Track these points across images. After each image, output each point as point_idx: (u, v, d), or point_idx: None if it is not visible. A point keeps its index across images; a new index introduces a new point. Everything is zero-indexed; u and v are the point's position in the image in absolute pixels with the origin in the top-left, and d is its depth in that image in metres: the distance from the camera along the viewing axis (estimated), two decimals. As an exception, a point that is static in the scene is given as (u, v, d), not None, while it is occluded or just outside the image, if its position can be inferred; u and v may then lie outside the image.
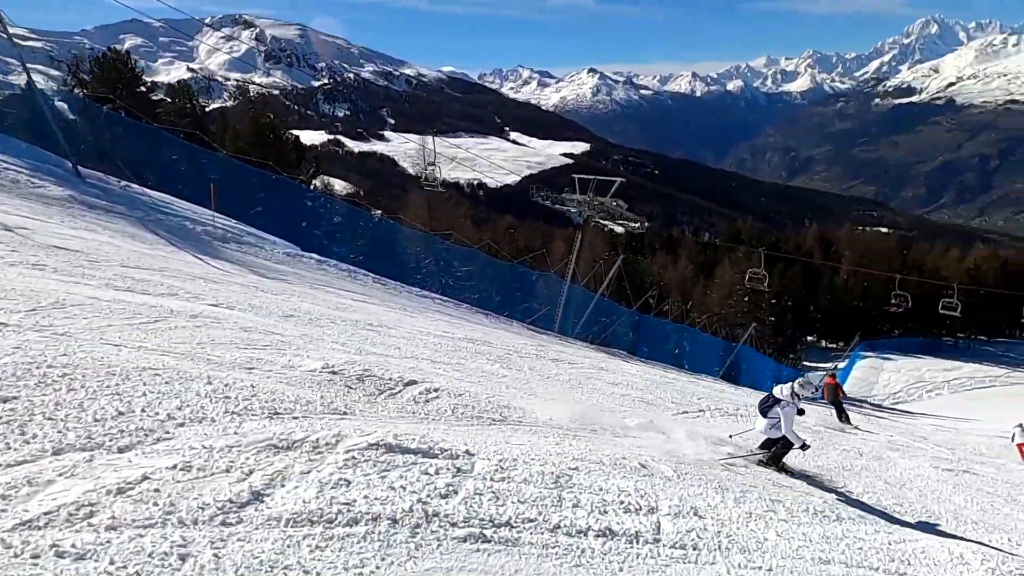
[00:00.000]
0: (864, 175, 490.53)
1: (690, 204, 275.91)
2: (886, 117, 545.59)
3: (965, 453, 16.23)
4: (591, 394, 11.29)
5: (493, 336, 15.76)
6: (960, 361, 59.21)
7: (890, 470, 11.24)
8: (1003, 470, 14.60)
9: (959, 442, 18.67)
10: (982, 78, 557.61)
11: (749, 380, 31.13)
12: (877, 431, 18.39)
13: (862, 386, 49.04)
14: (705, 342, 32.42)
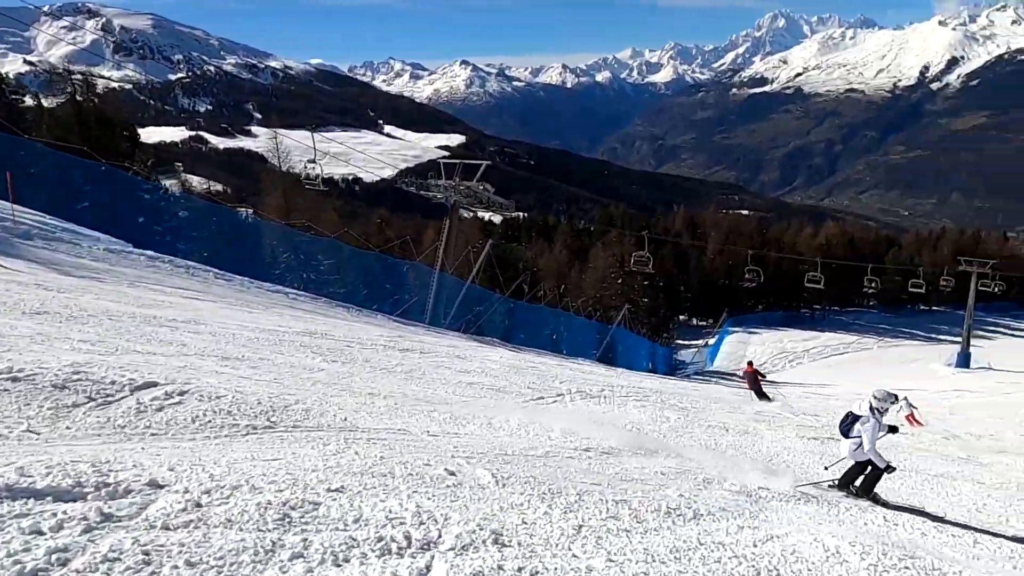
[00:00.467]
0: (726, 161, 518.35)
1: (566, 193, 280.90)
2: (743, 106, 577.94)
3: (829, 418, 16.07)
4: (430, 384, 9.84)
5: (341, 329, 14.12)
6: (817, 331, 62.79)
7: (756, 444, 10.59)
8: None
9: (823, 408, 18.75)
10: (825, 69, 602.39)
11: (626, 361, 30.86)
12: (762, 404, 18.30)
13: (731, 360, 50.62)
14: (581, 326, 31.89)
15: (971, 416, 22.86)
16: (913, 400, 22.83)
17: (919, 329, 68.05)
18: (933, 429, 18.12)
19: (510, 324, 25.92)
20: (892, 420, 21.06)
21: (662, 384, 19.47)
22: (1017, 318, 78.27)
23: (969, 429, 18.47)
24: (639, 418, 11.05)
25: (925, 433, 16.83)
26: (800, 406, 19.03)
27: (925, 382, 42.30)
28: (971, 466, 11.87)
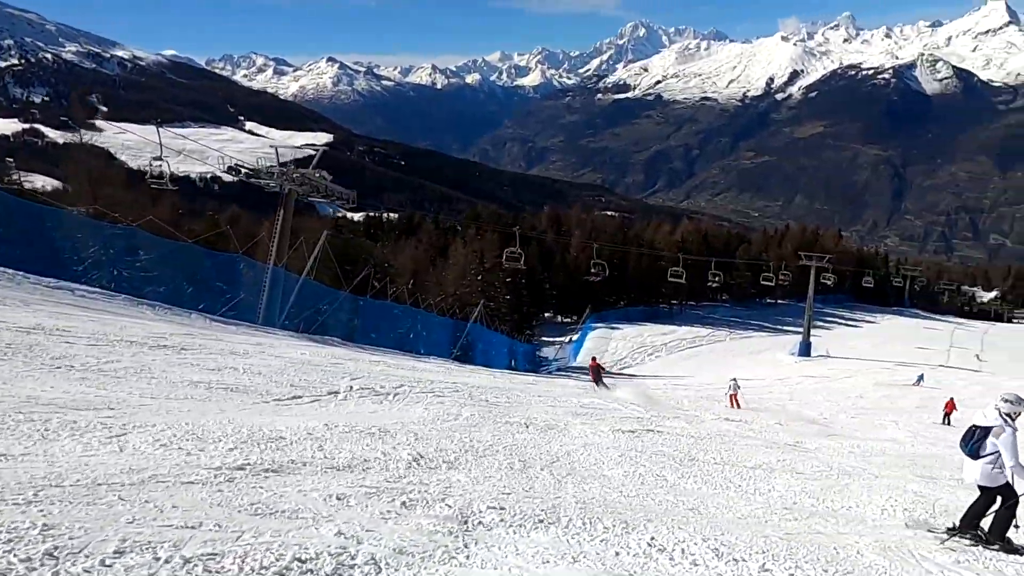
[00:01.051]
0: (592, 163, 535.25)
1: (439, 193, 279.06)
2: (607, 111, 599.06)
3: (662, 410, 15.88)
4: (128, 385, 8.05)
5: (95, 325, 11.79)
6: (674, 325, 65.34)
7: (553, 442, 9.51)
8: (695, 422, 14.30)
9: (658, 398, 18.72)
10: (683, 77, 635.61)
11: (484, 359, 30.11)
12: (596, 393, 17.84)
13: (592, 356, 51.51)
14: (438, 324, 30.84)
15: (808, 401, 23.90)
16: (743, 383, 23.87)
17: (767, 322, 72.48)
18: (768, 415, 18.49)
19: (360, 323, 24.49)
20: (728, 392, 21.10)
21: (499, 380, 18.56)
22: (851, 309, 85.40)
23: (803, 413, 19.03)
24: (419, 416, 9.50)
25: (758, 419, 17.06)
26: (629, 397, 18.70)
27: (771, 370, 44.66)
28: (796, 454, 11.71)
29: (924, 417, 22.87)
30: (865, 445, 13.92)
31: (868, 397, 27.50)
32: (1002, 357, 60.17)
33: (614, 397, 18.21)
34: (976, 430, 6.69)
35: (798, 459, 11.00)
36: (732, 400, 22.55)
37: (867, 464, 11.29)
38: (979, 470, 6.60)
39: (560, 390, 18.21)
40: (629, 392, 20.10)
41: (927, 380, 36.57)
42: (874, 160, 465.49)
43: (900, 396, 28.81)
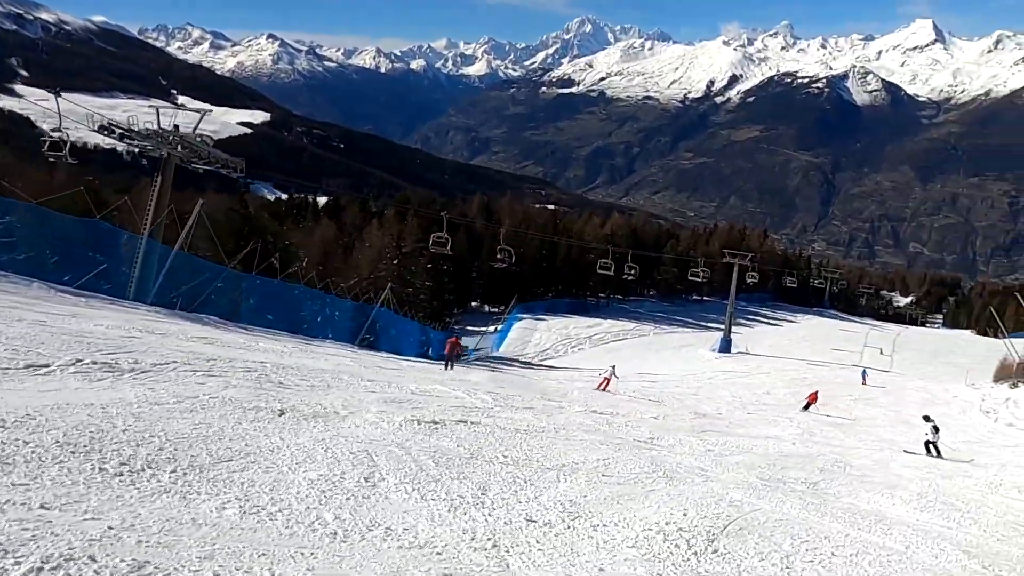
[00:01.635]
0: (535, 156, 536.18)
1: (378, 179, 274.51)
2: (551, 104, 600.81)
3: (521, 400, 14.90)
4: None
5: None
6: (601, 318, 65.40)
7: (283, 434, 7.44)
8: (550, 413, 13.48)
9: (546, 388, 17.95)
10: (626, 75, 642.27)
11: (393, 346, 28.88)
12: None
13: (517, 346, 50.84)
14: (349, 308, 29.42)
15: (712, 395, 23.65)
16: (662, 377, 23.67)
17: (692, 318, 73.46)
18: (650, 406, 17.94)
19: (252, 303, 22.91)
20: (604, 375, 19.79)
21: (345, 362, 16.83)
22: (773, 308, 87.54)
23: (700, 407, 18.58)
24: (135, 396, 7.53)
25: (634, 412, 16.41)
26: (482, 382, 17.56)
27: (690, 365, 44.84)
28: (630, 452, 10.32)
29: (825, 415, 22.98)
30: (737, 442, 13.28)
31: (774, 393, 27.59)
32: (910, 357, 62.43)
33: (468, 381, 17.12)
34: None
35: (625, 459, 9.65)
36: (604, 383, 23.05)
37: (712, 465, 10.29)
38: None
39: (412, 375, 16.91)
40: (484, 377, 19.16)
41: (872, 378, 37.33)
42: (806, 166, 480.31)
43: (807, 392, 29.01)
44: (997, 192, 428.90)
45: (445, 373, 19.99)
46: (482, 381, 17.68)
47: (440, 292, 45.51)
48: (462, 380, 17.50)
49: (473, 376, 19.10)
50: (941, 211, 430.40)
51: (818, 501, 8.69)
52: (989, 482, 11.99)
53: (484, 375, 20.48)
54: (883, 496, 9.69)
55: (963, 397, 34.76)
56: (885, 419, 24.85)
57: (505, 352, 47.85)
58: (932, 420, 16.64)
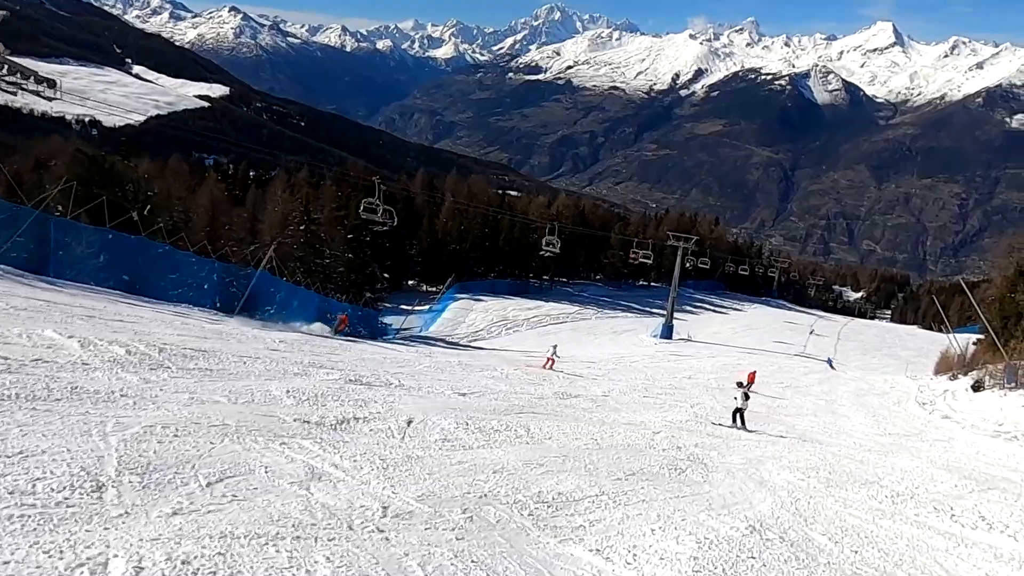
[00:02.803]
0: (500, 142, 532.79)
1: (339, 159, 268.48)
2: (518, 91, 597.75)
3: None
4: None
5: None
6: (542, 301, 63.37)
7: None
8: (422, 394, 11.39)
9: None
10: (593, 65, 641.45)
11: (280, 316, 26.00)
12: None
13: (449, 326, 48.54)
14: (212, 271, 25.50)
15: (624, 377, 21.84)
16: (595, 358, 21.94)
17: (637, 303, 71.88)
18: (551, 388, 15.94)
19: (103, 260, 20.06)
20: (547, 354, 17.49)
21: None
22: (722, 296, 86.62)
23: (590, 390, 16.60)
24: None
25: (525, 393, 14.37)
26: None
27: (627, 350, 43.09)
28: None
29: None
30: (579, 428, 11.25)
31: (697, 378, 25.87)
32: (853, 347, 61.90)
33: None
34: None
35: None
36: (547, 362, 23.69)
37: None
38: None
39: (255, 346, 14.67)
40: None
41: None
42: (766, 162, 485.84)
43: (729, 377, 27.55)
44: (948, 194, 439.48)
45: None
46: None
47: (362, 265, 42.80)
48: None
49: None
50: (894, 211, 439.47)
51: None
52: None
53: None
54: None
55: (900, 388, 33.65)
56: (812, 407, 23.29)
57: (436, 332, 45.51)
58: (744, 387, 16.34)
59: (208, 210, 36.90)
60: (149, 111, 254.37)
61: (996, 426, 20.80)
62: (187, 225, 27.60)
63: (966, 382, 29.64)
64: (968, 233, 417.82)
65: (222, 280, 23.15)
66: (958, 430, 21.51)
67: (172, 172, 50.42)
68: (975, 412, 22.74)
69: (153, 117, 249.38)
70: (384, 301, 49.56)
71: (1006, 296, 35.61)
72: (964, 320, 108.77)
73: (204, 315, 19.28)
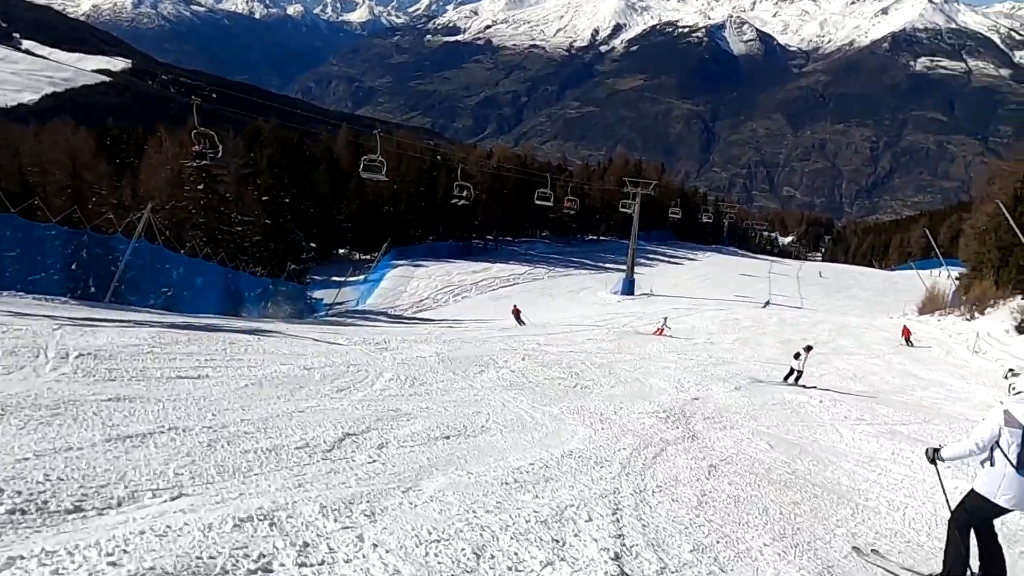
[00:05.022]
0: (422, 106, 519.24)
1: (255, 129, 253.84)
2: (437, 53, 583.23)
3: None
4: None
5: None
6: (488, 262, 58.37)
7: None
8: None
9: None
10: (512, 23, 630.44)
11: (169, 298, 20.17)
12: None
13: (389, 296, 43.09)
14: (55, 242, 19.19)
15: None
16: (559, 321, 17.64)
17: (588, 259, 67.65)
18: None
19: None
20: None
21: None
22: (673, 246, 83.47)
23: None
24: None
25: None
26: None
27: (589, 310, 38.77)
28: None
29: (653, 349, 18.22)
30: None
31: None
32: (816, 291, 59.49)
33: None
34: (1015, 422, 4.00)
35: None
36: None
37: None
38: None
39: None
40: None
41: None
42: (687, 114, 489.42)
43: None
44: (859, 138, 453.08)
45: None
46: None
47: (282, 232, 36.77)
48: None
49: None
50: (811, 156, 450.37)
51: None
52: None
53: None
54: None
55: (924, 334, 30.72)
56: (886, 372, 19.75)
57: (374, 304, 40.03)
58: (805, 355, 15.67)
59: (70, 172, 29.48)
60: (44, 88, 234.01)
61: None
62: (45, 190, 21.33)
63: (992, 322, 26.50)
64: (880, 175, 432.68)
65: (82, 255, 17.03)
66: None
67: (50, 138, 42.34)
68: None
69: (49, 95, 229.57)
70: (312, 273, 43.57)
71: (1001, 225, 32.81)
72: (904, 256, 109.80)
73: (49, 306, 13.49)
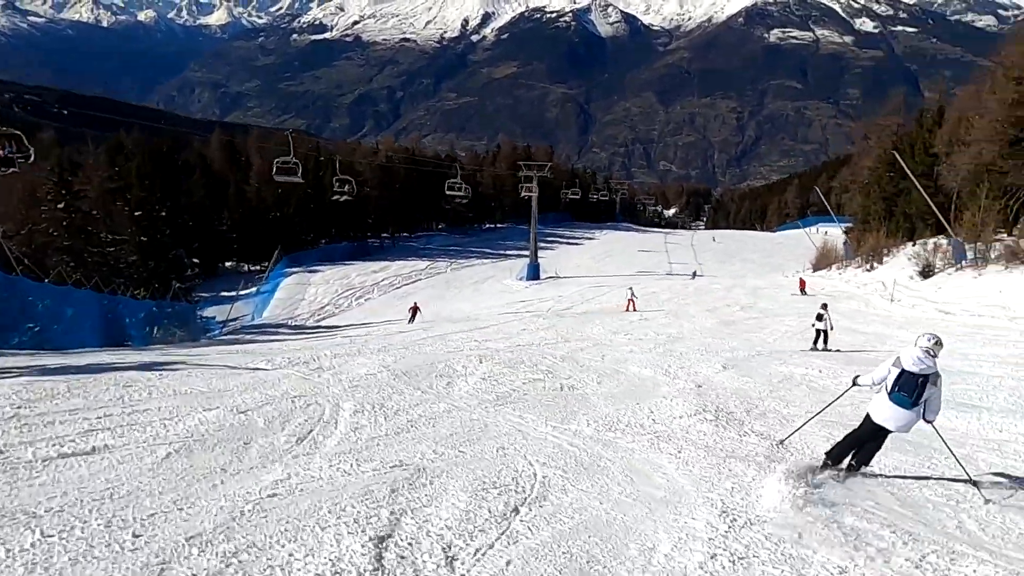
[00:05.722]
0: (294, 108, 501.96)
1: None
2: (305, 52, 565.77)
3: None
4: None
5: None
6: (387, 260, 56.34)
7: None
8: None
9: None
10: (380, 18, 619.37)
11: (19, 336, 17.47)
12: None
13: (287, 307, 40.52)
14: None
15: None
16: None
17: (488, 247, 66.73)
18: None
19: None
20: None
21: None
22: (571, 227, 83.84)
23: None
24: None
25: None
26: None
27: (503, 298, 37.90)
28: None
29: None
30: None
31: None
32: (709, 257, 61.20)
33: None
34: (918, 379, 5.85)
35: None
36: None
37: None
38: (909, 418, 5.93)
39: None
40: None
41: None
42: (562, 98, 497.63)
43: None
44: (725, 110, 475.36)
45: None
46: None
47: (161, 249, 33.54)
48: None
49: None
50: (683, 131, 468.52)
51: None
52: None
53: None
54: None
55: (838, 287, 31.53)
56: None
57: (271, 317, 37.45)
58: (825, 315, 16.75)
59: None
60: None
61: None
62: None
63: (893, 270, 27.52)
64: (747, 143, 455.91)
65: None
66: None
67: None
68: (964, 296, 20.00)
69: None
70: (199, 291, 40.34)
71: (883, 177, 34.41)
72: (783, 218, 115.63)
73: None
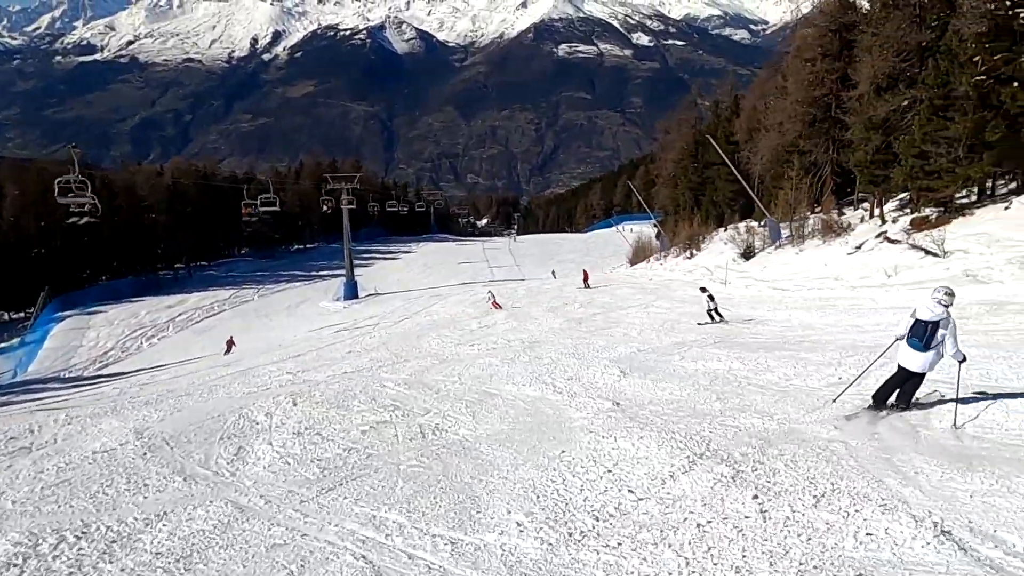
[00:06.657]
0: (65, 137, 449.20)
1: None
2: (73, 75, 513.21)
3: None
4: None
5: None
6: (184, 293, 50.43)
7: None
8: None
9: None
10: (158, 37, 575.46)
11: None
12: None
13: (60, 357, 34.50)
14: None
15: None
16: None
17: (299, 269, 62.21)
18: None
19: None
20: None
21: None
22: (386, 241, 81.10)
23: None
24: None
25: None
26: None
27: (320, 321, 34.90)
28: None
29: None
30: None
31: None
32: (530, 261, 61.66)
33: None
34: (927, 325, 6.96)
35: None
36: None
37: None
38: (927, 359, 7.00)
39: None
40: None
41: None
42: (364, 116, 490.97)
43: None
44: (524, 121, 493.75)
45: None
46: None
47: None
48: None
49: None
50: (486, 143, 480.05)
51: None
52: None
53: None
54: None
55: (664, 277, 31.82)
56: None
57: (40, 370, 31.51)
58: (708, 291, 17.76)
59: None
60: None
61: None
62: None
63: (712, 255, 28.26)
64: (547, 153, 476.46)
65: None
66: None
67: None
68: (792, 272, 20.46)
69: None
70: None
71: (687, 169, 35.82)
72: (590, 219, 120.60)
73: None
